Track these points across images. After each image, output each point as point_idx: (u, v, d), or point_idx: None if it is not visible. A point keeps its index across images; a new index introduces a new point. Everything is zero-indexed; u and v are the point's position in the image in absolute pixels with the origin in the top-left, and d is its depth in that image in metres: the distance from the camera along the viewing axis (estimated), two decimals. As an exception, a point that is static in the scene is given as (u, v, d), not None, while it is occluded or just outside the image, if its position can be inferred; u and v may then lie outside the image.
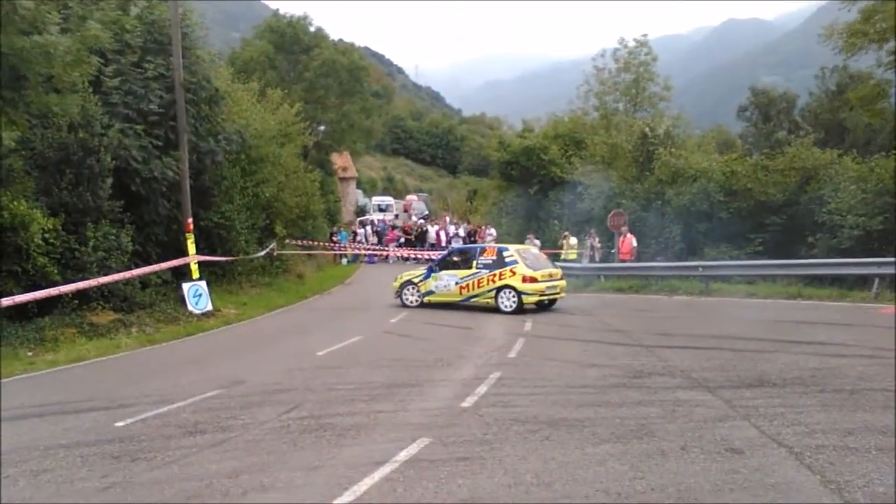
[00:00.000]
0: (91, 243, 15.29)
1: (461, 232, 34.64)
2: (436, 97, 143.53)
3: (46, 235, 14.21)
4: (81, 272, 14.90)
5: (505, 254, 17.43)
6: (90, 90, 16.14)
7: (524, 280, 16.78)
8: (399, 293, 18.77)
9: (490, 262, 17.39)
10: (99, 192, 15.79)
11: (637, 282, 21.74)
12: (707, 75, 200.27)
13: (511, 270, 16.94)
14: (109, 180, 16.14)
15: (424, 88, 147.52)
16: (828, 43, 19.87)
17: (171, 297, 17.59)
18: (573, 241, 25.36)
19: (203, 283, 18.05)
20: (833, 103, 37.33)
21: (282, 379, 9.78)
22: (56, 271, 14.28)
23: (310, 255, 30.61)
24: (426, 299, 18.29)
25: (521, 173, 32.43)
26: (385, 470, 5.80)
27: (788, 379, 8.72)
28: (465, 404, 8.00)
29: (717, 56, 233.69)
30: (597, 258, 24.12)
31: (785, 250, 20.72)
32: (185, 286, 17.61)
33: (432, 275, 18.21)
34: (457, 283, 17.72)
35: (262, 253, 24.15)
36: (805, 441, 6.18)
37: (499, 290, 17.04)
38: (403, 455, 6.17)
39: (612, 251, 23.71)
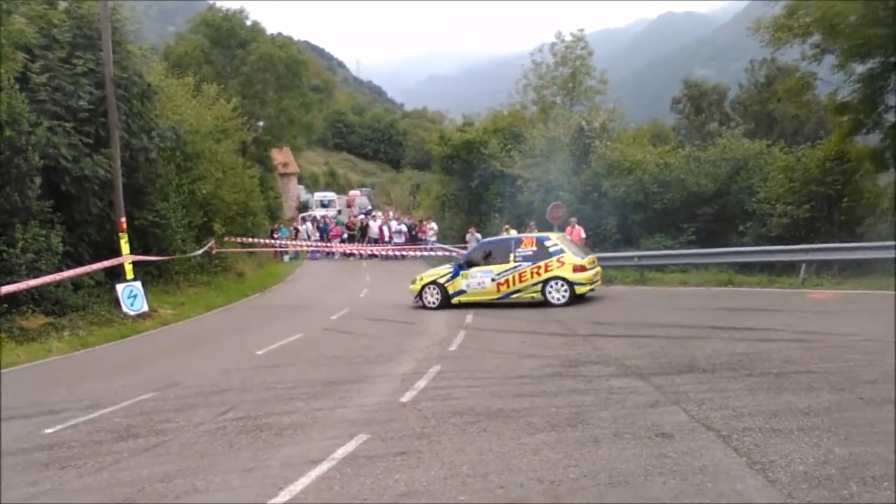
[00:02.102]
0: (20, 245, 14.88)
1: (403, 227, 34.63)
2: (378, 91, 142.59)
3: (-28, 238, 13.74)
4: (10, 275, 14.48)
5: (547, 243, 16.50)
6: (16, 87, 15.60)
7: (575, 269, 16.03)
8: (420, 295, 17.25)
9: (530, 253, 16.36)
10: (27, 192, 15.38)
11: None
12: (644, 69, 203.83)
13: (558, 260, 16.08)
14: (38, 180, 15.74)
15: (366, 83, 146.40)
16: (755, 37, 20.46)
17: (105, 299, 17.17)
18: (514, 233, 25.59)
19: (138, 284, 17.66)
20: (762, 95, 38.35)
21: (219, 380, 9.68)
22: (-17, 275, 13.83)
23: (250, 252, 30.19)
24: (456, 300, 16.90)
25: (462, 167, 32.59)
26: (322, 468, 5.78)
27: (717, 364, 8.95)
28: (404, 399, 8.03)
29: (653, 49, 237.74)
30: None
31: (717, 239, 21.31)
32: (119, 287, 17.21)
33: (461, 273, 16.89)
34: (493, 280, 16.49)
35: (200, 251, 23.73)
36: (732, 424, 6.34)
37: (545, 282, 16.12)
38: (341, 452, 6.16)
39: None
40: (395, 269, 28.39)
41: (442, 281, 17.01)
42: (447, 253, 28.44)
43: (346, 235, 36.57)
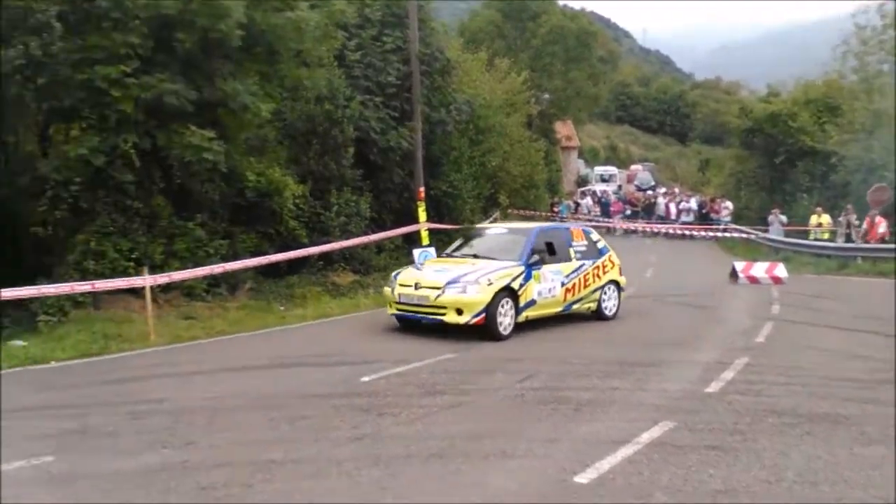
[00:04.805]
0: (334, 209, 16.28)
1: (693, 204, 32.69)
2: (665, 61, 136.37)
3: (297, 201, 15.35)
4: (326, 235, 15.93)
5: (594, 237, 12.77)
6: (335, 64, 17.08)
7: (620, 272, 12.82)
8: (487, 312, 10.09)
9: (584, 249, 12.18)
10: (342, 161, 16.73)
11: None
12: None
13: (610, 260, 12.53)
14: (351, 150, 17.01)
15: (653, 52, 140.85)
16: None
17: (403, 262, 18.31)
18: (826, 218, 22.99)
19: (432, 250, 18.43)
20: None
21: (515, 347, 9.77)
22: (304, 234, 15.40)
23: (531, 225, 30.57)
24: (524, 315, 10.84)
25: (765, 142, 29.90)
26: (627, 451, 5.56)
27: None
28: (709, 389, 7.51)
29: None
30: (854, 237, 21.57)
31: None
32: (416, 252, 18.20)
33: (534, 274, 10.98)
34: (563, 285, 11.52)
35: (487, 222, 24.52)
36: None
37: (601, 288, 12.23)
38: (646, 437, 5.90)
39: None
40: (682, 249, 27.05)
41: (516, 287, 10.64)
42: (745, 235, 26.30)
43: (628, 211, 35.60)
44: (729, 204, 30.42)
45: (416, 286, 10.42)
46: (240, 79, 12.57)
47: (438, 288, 10.14)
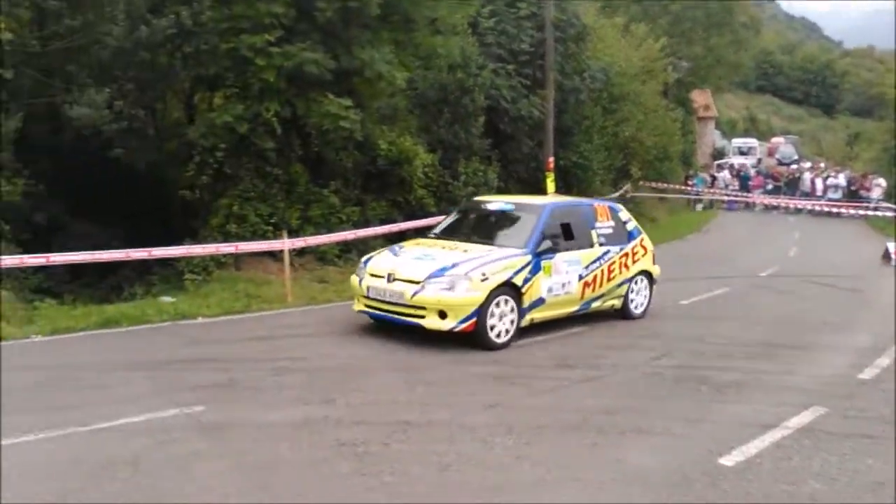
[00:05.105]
0: (462, 178, 16.19)
1: (841, 180, 30.37)
2: (811, 28, 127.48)
3: (426, 169, 15.42)
4: (453, 205, 15.91)
5: (622, 216, 10.10)
6: (469, 31, 16.95)
7: (654, 259, 10.36)
8: (478, 316, 7.62)
9: (610, 231, 9.60)
10: (471, 130, 16.59)
11: None
12: None
13: (641, 245, 10.00)
14: (481, 119, 16.87)
15: (798, 19, 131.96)
16: None
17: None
18: None
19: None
20: None
21: (647, 324, 9.48)
22: (432, 203, 15.45)
23: (662, 198, 29.52)
24: (528, 318, 8.34)
25: (924, 113, 27.44)
26: (775, 435, 5.30)
27: None
28: (863, 376, 7.08)
29: None
30: None
31: None
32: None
33: (543, 265, 8.46)
34: (580, 278, 8.95)
35: (616, 195, 23.84)
36: None
37: (630, 281, 9.74)
38: (795, 422, 5.59)
39: None
40: (828, 227, 25.30)
41: (519, 281, 8.12)
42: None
43: (769, 186, 33.62)
44: (882, 181, 28.00)
45: (390, 278, 8.00)
46: (376, 47, 12.69)
47: (417, 283, 7.74)
